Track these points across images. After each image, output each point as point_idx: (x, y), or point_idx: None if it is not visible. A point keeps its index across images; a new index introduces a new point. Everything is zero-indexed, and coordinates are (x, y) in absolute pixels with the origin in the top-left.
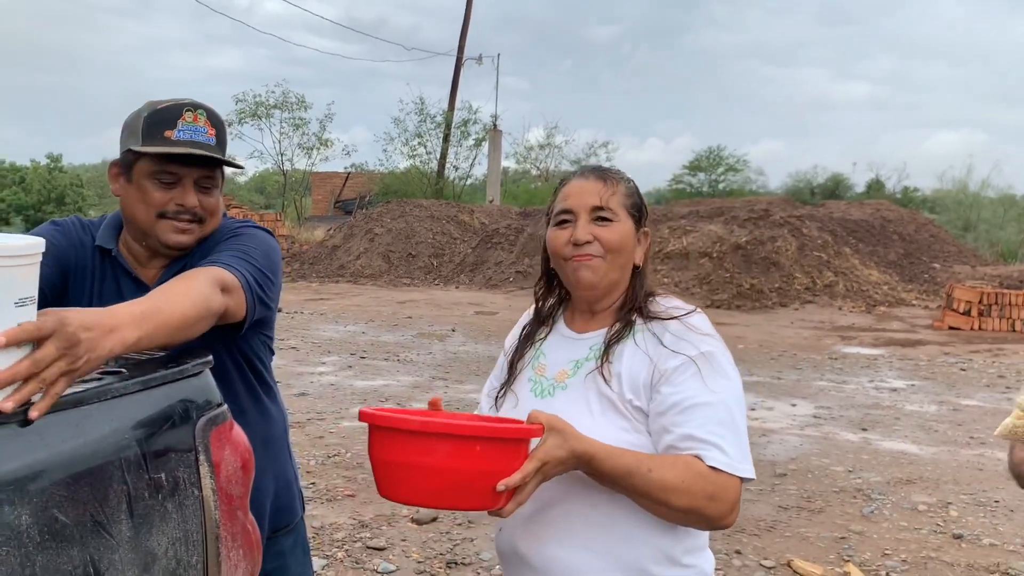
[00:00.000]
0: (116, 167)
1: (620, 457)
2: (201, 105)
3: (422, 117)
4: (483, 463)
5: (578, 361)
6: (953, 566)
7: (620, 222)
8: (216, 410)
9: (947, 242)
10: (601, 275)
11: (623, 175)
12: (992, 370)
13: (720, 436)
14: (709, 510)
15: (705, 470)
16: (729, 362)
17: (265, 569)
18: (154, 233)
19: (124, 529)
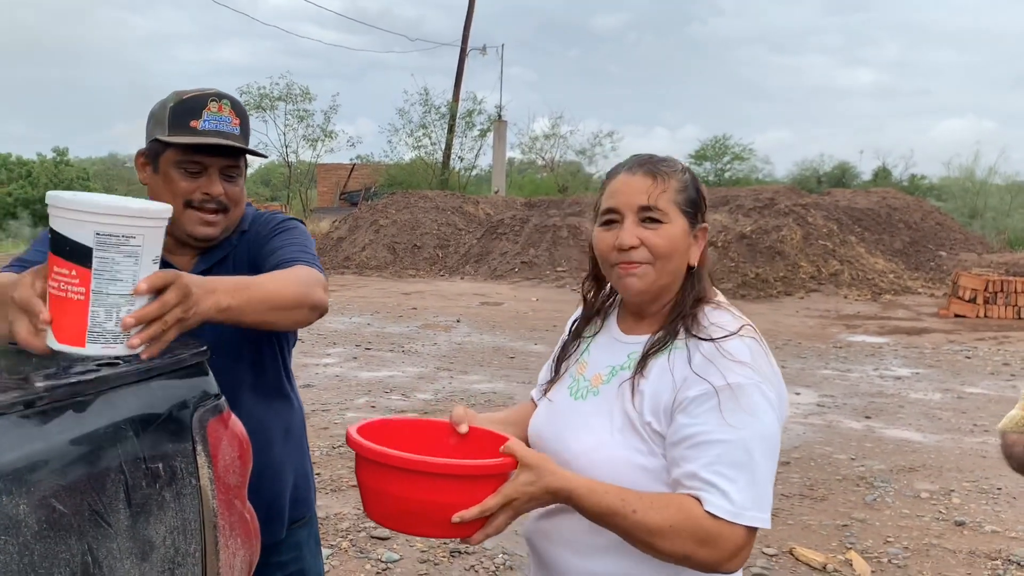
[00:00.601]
0: (143, 156)
1: (603, 496)
2: (226, 95)
3: (427, 108)
4: (445, 496)
5: (614, 368)
6: (955, 553)
7: (670, 223)
8: (213, 400)
9: (953, 230)
10: (649, 283)
11: (677, 166)
12: (997, 358)
13: (728, 479)
14: (700, 556)
15: (700, 514)
16: (763, 397)
17: (281, 561)
18: (181, 223)
19: (122, 519)
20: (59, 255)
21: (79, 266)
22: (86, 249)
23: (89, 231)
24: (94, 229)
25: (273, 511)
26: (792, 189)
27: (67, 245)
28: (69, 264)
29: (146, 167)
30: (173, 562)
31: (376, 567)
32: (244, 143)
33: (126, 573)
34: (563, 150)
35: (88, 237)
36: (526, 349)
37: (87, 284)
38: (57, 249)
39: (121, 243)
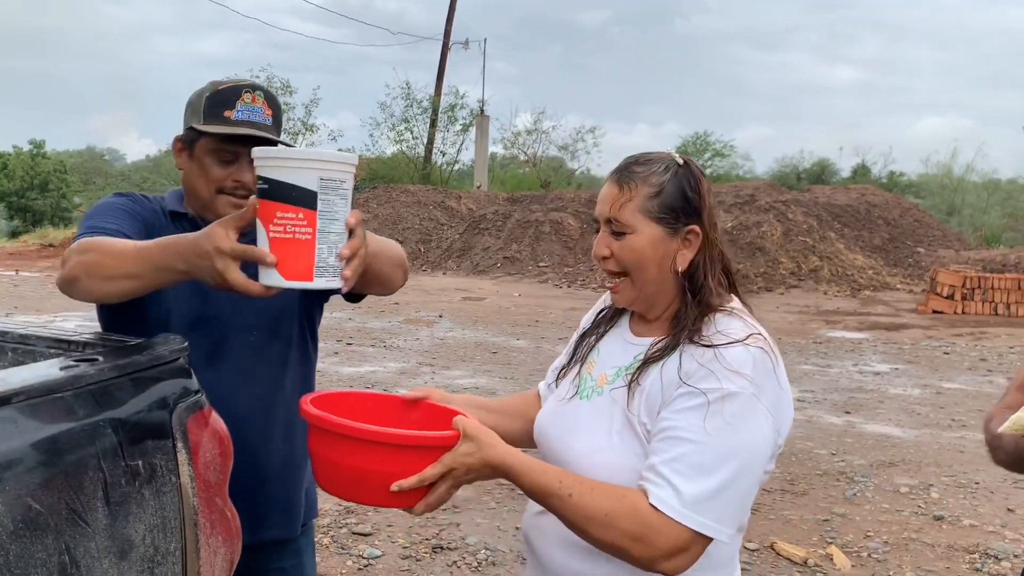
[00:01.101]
0: (179, 143)
1: (540, 475)
2: (259, 87)
3: (408, 102)
4: (388, 466)
5: (620, 369)
6: (934, 547)
7: (635, 234)
8: (193, 397)
9: (931, 226)
10: (630, 296)
11: (654, 168)
12: (974, 353)
13: (685, 477)
14: (634, 551)
15: (642, 507)
16: (754, 410)
17: (283, 567)
18: (213, 207)
19: (100, 517)
20: (284, 201)
21: (306, 208)
22: (311, 193)
23: (314, 177)
24: (318, 175)
25: (293, 505)
26: (772, 186)
27: (293, 191)
28: (296, 208)
29: (182, 153)
30: (153, 561)
31: (357, 563)
32: (276, 133)
33: (104, 572)
34: (545, 145)
35: (313, 182)
36: (508, 344)
37: (313, 224)
38: (281, 196)
39: (337, 186)
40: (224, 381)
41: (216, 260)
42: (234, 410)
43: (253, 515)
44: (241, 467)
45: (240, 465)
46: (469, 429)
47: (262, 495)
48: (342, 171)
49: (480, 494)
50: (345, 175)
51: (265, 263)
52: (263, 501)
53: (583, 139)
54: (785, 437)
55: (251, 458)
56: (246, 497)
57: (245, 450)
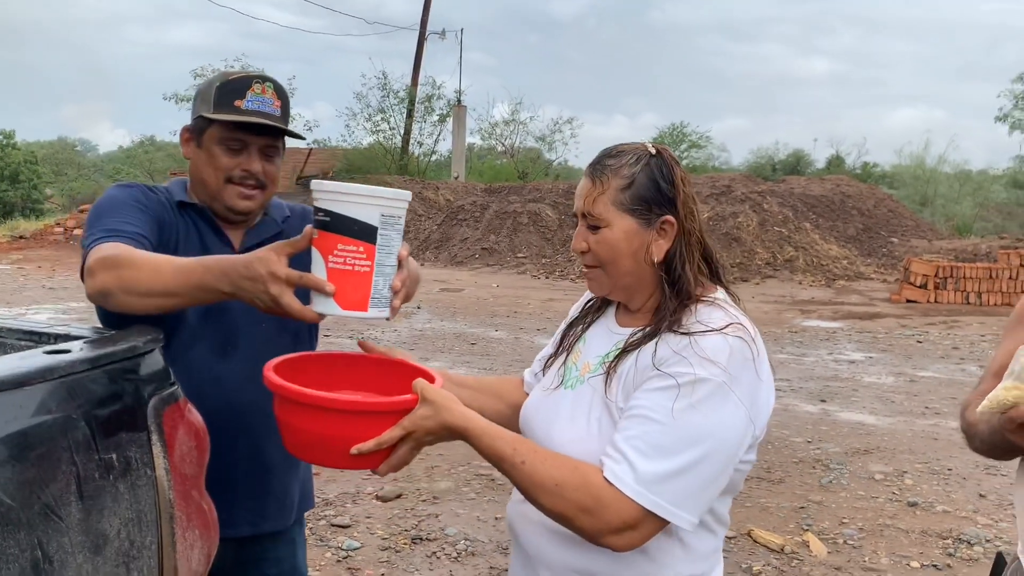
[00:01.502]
0: (188, 132)
1: (495, 439)
2: (269, 78)
3: (385, 92)
4: (350, 431)
5: (601, 358)
6: (908, 533)
7: (609, 227)
8: (169, 389)
9: (905, 217)
10: (606, 287)
11: (625, 160)
12: (947, 342)
13: (643, 455)
14: (580, 522)
15: (595, 480)
16: (725, 399)
17: (278, 556)
18: (221, 196)
19: (74, 511)
20: (346, 234)
21: (366, 243)
22: (373, 228)
23: (375, 213)
24: (379, 211)
25: (290, 497)
26: (748, 176)
27: (355, 225)
28: (357, 242)
29: (190, 142)
30: (128, 555)
31: (336, 555)
32: (284, 124)
33: (78, 568)
34: (523, 136)
35: (375, 218)
36: (487, 335)
37: (372, 258)
38: (343, 229)
39: (395, 222)
40: (235, 370)
41: (271, 285)
42: (243, 399)
43: (255, 506)
44: (247, 458)
45: (246, 456)
46: (428, 392)
47: (265, 486)
48: (400, 208)
49: (459, 485)
50: (402, 211)
51: (324, 292)
52: (265, 492)
53: (560, 130)
54: (763, 428)
55: (257, 449)
56: (250, 488)
57: (251, 441)
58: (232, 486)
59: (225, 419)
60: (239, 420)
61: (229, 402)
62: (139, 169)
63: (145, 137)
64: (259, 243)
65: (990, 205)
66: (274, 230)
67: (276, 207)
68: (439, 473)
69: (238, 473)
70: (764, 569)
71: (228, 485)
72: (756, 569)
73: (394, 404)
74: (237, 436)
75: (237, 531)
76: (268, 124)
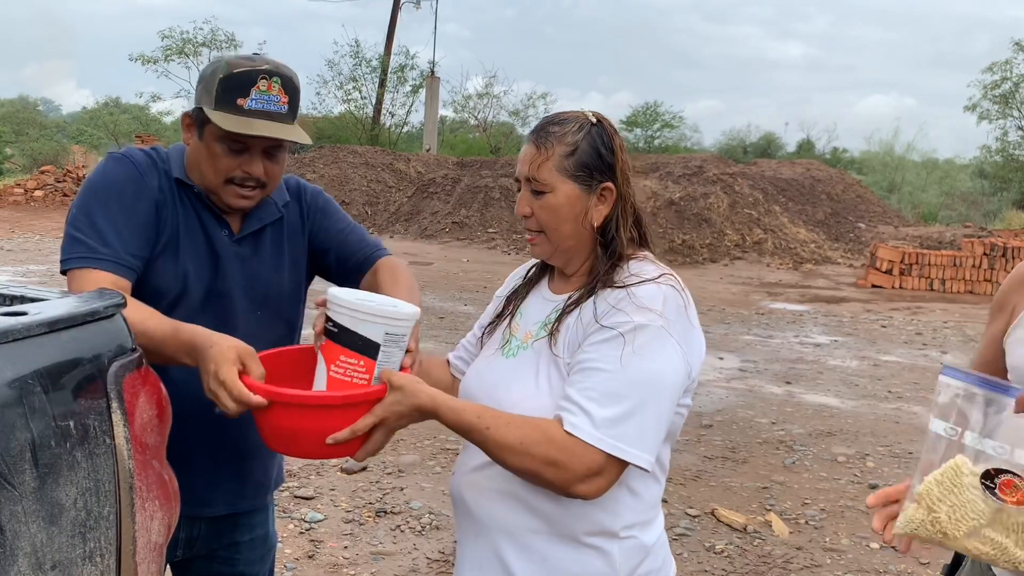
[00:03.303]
0: (189, 119)
1: (461, 413)
2: (277, 72)
3: (357, 61)
4: (321, 424)
5: (542, 323)
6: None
7: (553, 192)
8: (130, 355)
9: (872, 203)
10: (547, 251)
11: (569, 127)
12: (911, 327)
13: (596, 403)
14: (549, 475)
15: (557, 434)
16: (664, 343)
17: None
18: (220, 195)
19: (28, 479)
20: (350, 347)
21: (367, 357)
22: (376, 345)
23: (380, 331)
24: (385, 330)
25: (267, 477)
26: (720, 158)
27: (359, 340)
28: (358, 356)
29: (191, 130)
30: (84, 525)
31: (299, 527)
32: (291, 120)
33: (32, 537)
34: (496, 110)
35: (379, 335)
36: (456, 310)
37: (371, 372)
38: (348, 343)
39: (399, 339)
40: None
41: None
42: None
43: (234, 488)
44: (233, 442)
45: (232, 440)
46: (395, 379)
47: (247, 468)
48: (406, 327)
49: (425, 458)
50: (407, 329)
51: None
52: (247, 474)
53: (534, 105)
54: (698, 372)
55: (242, 433)
56: (233, 471)
57: (237, 426)
58: (216, 468)
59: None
60: None
61: None
62: (103, 131)
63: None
64: (259, 228)
65: (956, 194)
66: (274, 215)
67: (278, 191)
68: (404, 446)
69: (224, 455)
70: (727, 548)
71: (212, 467)
72: (719, 548)
73: (364, 395)
74: (224, 421)
75: (214, 510)
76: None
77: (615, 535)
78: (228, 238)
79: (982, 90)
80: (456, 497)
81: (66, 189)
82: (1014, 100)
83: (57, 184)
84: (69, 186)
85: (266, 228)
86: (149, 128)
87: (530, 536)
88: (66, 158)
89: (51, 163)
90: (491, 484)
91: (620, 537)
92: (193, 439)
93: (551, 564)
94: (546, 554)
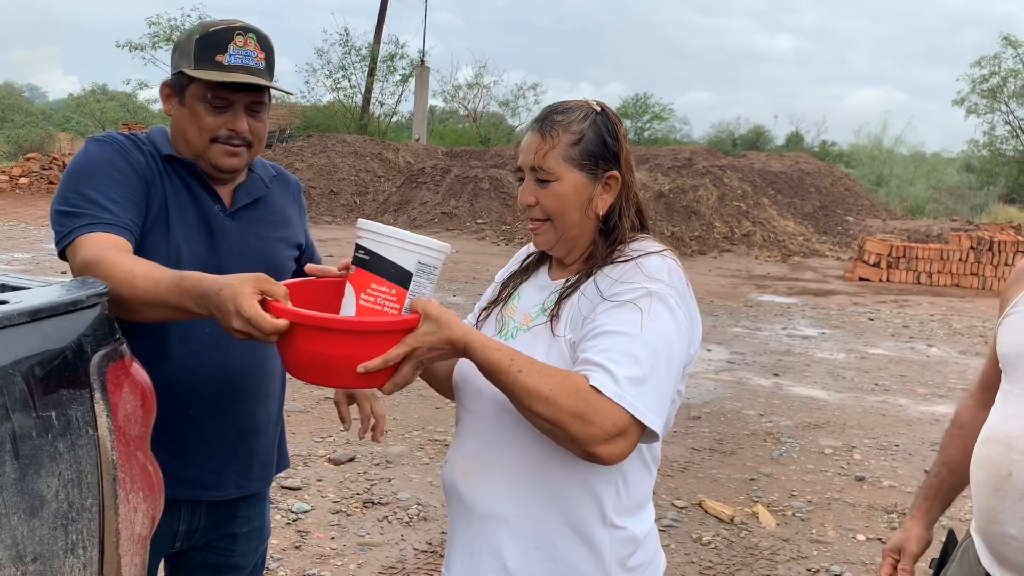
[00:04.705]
0: (168, 88)
1: (494, 351)
2: (251, 28)
3: (347, 49)
4: (352, 350)
5: (542, 306)
6: (855, 506)
7: (559, 181)
8: (114, 345)
9: (861, 196)
10: (552, 239)
11: (575, 116)
12: (898, 320)
13: (616, 363)
14: (572, 428)
15: (584, 388)
16: (672, 310)
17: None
18: (206, 156)
19: (8, 471)
20: (381, 275)
21: (399, 286)
22: (408, 274)
23: (413, 260)
24: (417, 259)
25: (270, 459)
26: (709, 150)
27: (392, 268)
28: (390, 284)
29: (171, 98)
30: (67, 517)
31: (287, 517)
32: (269, 77)
33: (13, 529)
34: (486, 101)
35: (412, 264)
36: (445, 301)
37: (402, 302)
38: (379, 270)
39: (430, 271)
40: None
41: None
42: (240, 364)
43: (242, 468)
44: (238, 422)
45: (237, 420)
46: (430, 310)
47: (253, 448)
48: (438, 258)
49: (413, 449)
50: (439, 261)
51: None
52: (253, 454)
53: (524, 96)
54: (695, 353)
55: (248, 413)
56: (240, 451)
57: (244, 405)
58: (223, 449)
59: (223, 381)
60: (235, 384)
61: (227, 366)
62: (90, 119)
63: (97, 85)
64: (250, 203)
65: (943, 187)
66: (262, 190)
67: (261, 166)
68: (392, 437)
69: (231, 434)
70: (714, 539)
71: (219, 448)
72: (706, 539)
73: (398, 323)
74: (232, 400)
75: (225, 493)
76: (253, 82)
77: (607, 524)
78: (222, 213)
79: (970, 84)
80: (448, 485)
81: (52, 176)
82: (1002, 95)
83: (43, 171)
84: (55, 173)
85: (257, 202)
86: (136, 116)
87: (523, 523)
88: (52, 145)
89: (37, 150)
90: (485, 472)
91: (612, 527)
92: (198, 420)
93: (544, 552)
94: (539, 541)
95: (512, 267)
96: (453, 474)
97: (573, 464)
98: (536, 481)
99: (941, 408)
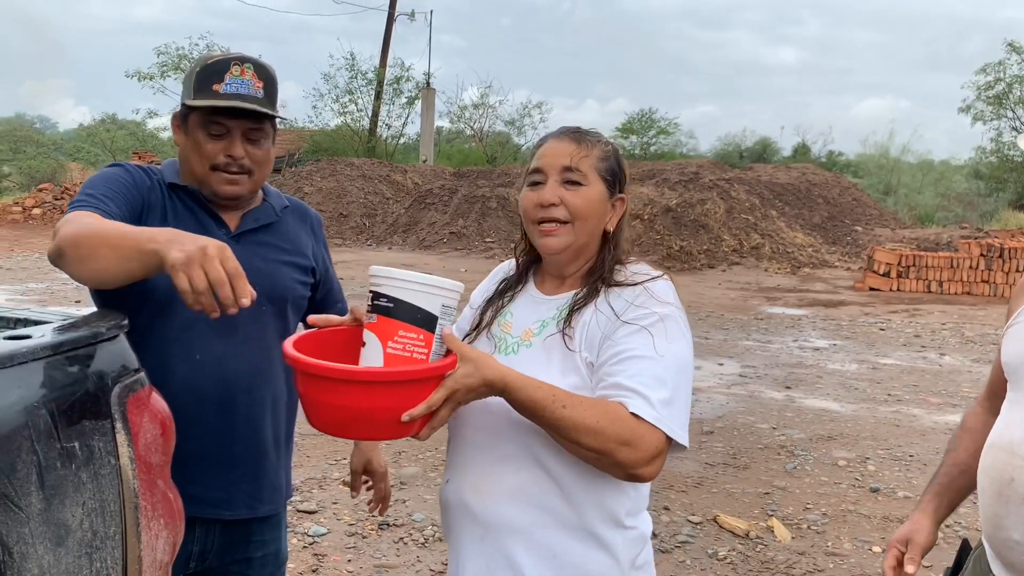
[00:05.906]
0: (176, 119)
1: (536, 390)
2: (249, 59)
3: (353, 73)
4: (395, 401)
5: (544, 321)
6: (870, 518)
7: (589, 186)
8: (133, 376)
9: (869, 205)
10: (567, 242)
11: (601, 137)
12: (909, 330)
13: (649, 388)
14: (621, 455)
15: (625, 415)
16: (684, 331)
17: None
18: (208, 183)
19: (34, 501)
20: (408, 322)
21: (426, 331)
22: (433, 317)
23: (438, 303)
24: (442, 302)
25: (281, 481)
26: (716, 163)
27: (418, 313)
28: (418, 330)
29: (179, 129)
30: (91, 546)
31: (303, 541)
32: (268, 107)
33: (39, 559)
34: (492, 120)
35: (437, 307)
36: None
37: (430, 346)
38: (406, 316)
39: (450, 312)
40: (236, 350)
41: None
42: (244, 380)
43: (252, 489)
44: (245, 439)
45: (244, 437)
46: (467, 352)
47: (261, 468)
48: (455, 298)
49: (427, 470)
50: (455, 301)
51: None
52: (262, 474)
53: (530, 114)
54: None
55: (254, 430)
56: (248, 470)
57: (250, 422)
58: (231, 467)
59: (226, 399)
60: (239, 400)
61: (230, 382)
62: (100, 148)
63: (107, 115)
64: (256, 228)
65: (951, 195)
66: (271, 218)
67: (275, 196)
68: (406, 458)
69: (237, 452)
70: (729, 554)
71: (227, 466)
72: (721, 554)
73: (437, 368)
74: (236, 416)
75: (235, 513)
76: (242, 107)
77: (620, 525)
78: (226, 236)
79: (976, 91)
80: (455, 504)
81: (64, 207)
82: (1008, 101)
83: (55, 202)
84: (67, 204)
85: (264, 228)
86: (146, 144)
87: (540, 532)
88: (64, 175)
89: (49, 181)
90: (497, 486)
91: (624, 527)
92: (203, 438)
93: (560, 559)
94: (556, 549)
95: (489, 290)
96: (461, 491)
97: (587, 471)
98: (552, 489)
99: (955, 417)
